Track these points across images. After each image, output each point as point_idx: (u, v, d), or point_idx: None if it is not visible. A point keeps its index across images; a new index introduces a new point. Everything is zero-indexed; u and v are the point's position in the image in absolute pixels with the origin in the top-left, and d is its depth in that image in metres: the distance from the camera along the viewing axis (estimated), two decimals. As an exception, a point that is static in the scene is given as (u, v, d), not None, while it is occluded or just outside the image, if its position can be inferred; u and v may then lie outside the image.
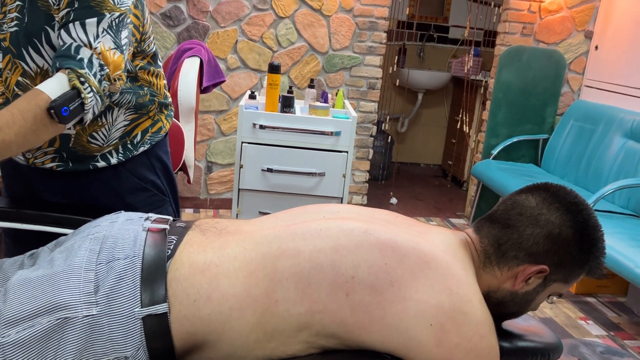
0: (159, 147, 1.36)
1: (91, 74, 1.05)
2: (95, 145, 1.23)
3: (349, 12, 3.52)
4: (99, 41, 1.07)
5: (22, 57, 1.12)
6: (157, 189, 1.35)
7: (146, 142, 1.31)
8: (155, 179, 1.35)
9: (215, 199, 3.69)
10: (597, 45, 3.70)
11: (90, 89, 1.04)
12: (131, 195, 1.30)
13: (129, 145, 1.28)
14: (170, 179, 1.41)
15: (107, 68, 1.08)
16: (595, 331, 2.59)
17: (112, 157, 1.26)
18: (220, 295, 0.92)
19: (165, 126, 1.36)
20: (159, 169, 1.36)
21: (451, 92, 5.13)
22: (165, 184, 1.39)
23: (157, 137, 1.33)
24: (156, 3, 3.30)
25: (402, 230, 1.04)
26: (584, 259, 1.04)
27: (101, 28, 1.07)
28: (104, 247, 0.95)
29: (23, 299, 0.89)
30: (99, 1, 1.08)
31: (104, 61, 1.07)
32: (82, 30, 1.06)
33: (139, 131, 1.29)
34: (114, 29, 1.10)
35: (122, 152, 1.27)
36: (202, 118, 3.52)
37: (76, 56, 1.04)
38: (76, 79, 1.02)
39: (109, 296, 0.89)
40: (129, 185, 1.30)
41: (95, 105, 1.07)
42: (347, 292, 0.93)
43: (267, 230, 1.03)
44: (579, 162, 3.44)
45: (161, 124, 1.34)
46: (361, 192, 3.83)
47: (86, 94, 1.03)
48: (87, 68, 1.04)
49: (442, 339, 0.92)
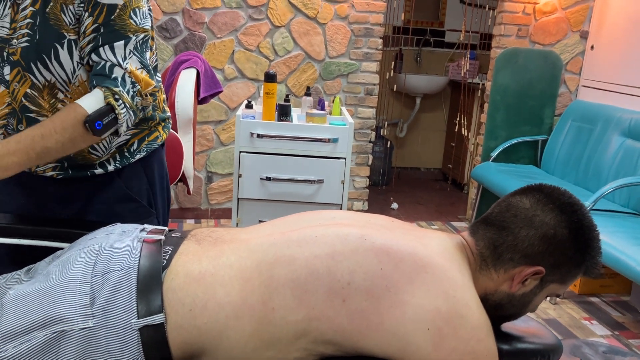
0: (155, 157, 1.39)
1: (124, 91, 1.16)
2: (95, 156, 1.28)
3: (344, 19, 3.53)
4: (127, 62, 1.17)
5: (31, 70, 1.17)
6: (146, 201, 1.38)
7: (142, 150, 1.34)
8: (147, 189, 1.38)
9: (216, 209, 3.69)
10: (593, 45, 3.71)
11: (124, 105, 1.15)
12: (120, 204, 1.33)
13: (125, 152, 1.32)
14: (163, 190, 1.43)
15: (139, 85, 1.18)
16: (599, 331, 2.58)
17: (109, 165, 1.30)
18: (216, 304, 0.92)
19: (162, 136, 1.39)
20: (153, 179, 1.39)
21: (449, 96, 5.14)
22: (158, 194, 1.41)
23: (154, 145, 1.36)
24: (152, 16, 3.32)
25: (398, 235, 1.05)
26: (579, 259, 1.04)
27: (128, 50, 1.18)
28: (99, 259, 0.95)
29: (19, 313, 0.89)
30: (123, 25, 1.17)
31: (135, 79, 1.18)
32: (111, 53, 1.16)
33: (135, 140, 1.33)
34: (139, 49, 1.20)
35: (119, 159, 1.31)
36: (201, 129, 3.54)
37: (111, 75, 1.15)
38: (111, 97, 1.13)
39: (105, 308, 0.89)
40: (118, 194, 1.33)
41: (128, 119, 1.18)
42: (343, 298, 0.93)
43: (262, 237, 1.03)
44: (579, 162, 3.44)
45: (158, 134, 1.38)
46: (362, 198, 3.83)
47: (120, 109, 1.15)
48: (120, 86, 1.15)
49: (439, 343, 0.92)
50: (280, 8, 3.44)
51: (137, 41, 1.19)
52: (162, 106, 1.39)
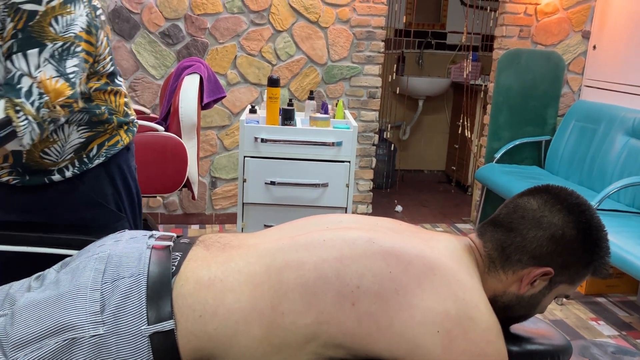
0: (119, 161, 1.39)
1: (28, 103, 1.11)
2: (49, 161, 1.28)
3: (345, 23, 3.54)
4: (40, 70, 1.13)
5: None
6: (115, 205, 1.38)
7: (102, 155, 1.34)
8: (113, 193, 1.38)
9: (220, 214, 3.69)
10: (595, 45, 3.70)
11: (25, 117, 1.11)
12: (86, 210, 1.34)
13: (84, 158, 1.32)
14: (131, 194, 1.43)
15: (47, 96, 1.13)
16: (607, 331, 2.57)
17: (67, 171, 1.30)
18: (226, 310, 0.93)
19: (124, 140, 1.38)
20: (119, 184, 1.39)
21: (451, 98, 5.14)
22: (125, 199, 1.41)
23: (114, 150, 1.36)
24: (155, 22, 3.33)
25: (406, 237, 1.05)
26: (588, 260, 1.04)
27: (42, 58, 1.14)
28: (109, 266, 0.96)
29: (30, 321, 0.90)
30: (40, 32, 1.14)
31: (43, 90, 1.13)
32: (24, 60, 1.13)
33: (94, 145, 1.33)
34: (57, 58, 1.15)
35: (77, 165, 1.31)
36: (205, 134, 3.54)
37: (16, 85, 1.12)
38: (11, 108, 1.09)
39: (115, 315, 0.90)
40: (84, 199, 1.33)
41: (32, 131, 1.13)
42: (352, 302, 0.93)
43: (270, 242, 1.03)
44: (583, 162, 3.43)
45: (119, 138, 1.37)
46: (366, 201, 3.83)
47: (19, 122, 1.10)
48: (24, 97, 1.11)
49: (449, 345, 0.92)
50: (282, 13, 3.45)
51: (55, 49, 1.15)
52: (122, 110, 1.38)
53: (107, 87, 1.33)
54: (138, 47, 3.35)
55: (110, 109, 1.34)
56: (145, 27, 3.33)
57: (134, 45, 3.34)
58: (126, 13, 3.29)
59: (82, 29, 1.20)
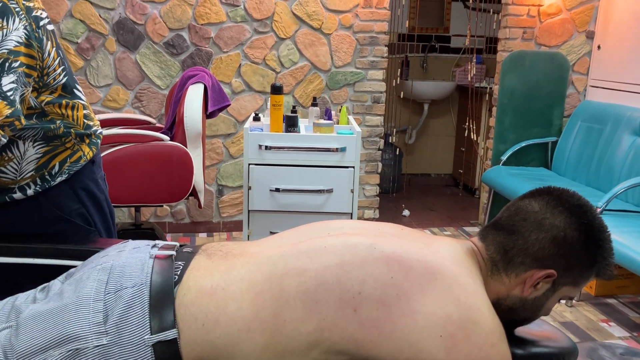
0: (84, 175, 1.35)
1: None
2: (7, 179, 1.24)
3: (348, 29, 3.55)
4: None
5: None
6: (82, 219, 1.34)
7: (64, 172, 1.30)
8: (79, 208, 1.34)
9: (227, 221, 3.71)
10: (600, 45, 3.69)
11: None
12: (52, 226, 1.31)
13: (46, 176, 1.28)
14: (100, 207, 1.39)
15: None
16: (617, 333, 2.55)
17: (29, 189, 1.26)
18: (228, 318, 0.93)
19: (87, 155, 1.34)
20: (85, 198, 1.35)
21: (457, 101, 5.14)
22: (94, 213, 1.37)
23: (76, 166, 1.32)
24: (159, 33, 3.36)
25: (408, 242, 1.05)
26: (591, 261, 1.04)
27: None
28: (111, 277, 0.96)
29: (35, 332, 0.90)
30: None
31: None
32: None
33: (56, 162, 1.28)
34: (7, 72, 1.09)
35: (39, 183, 1.28)
36: (211, 142, 3.56)
37: None
38: None
39: (118, 325, 0.90)
40: (49, 215, 1.30)
41: None
42: (354, 308, 0.94)
43: (272, 250, 1.04)
44: (590, 162, 3.42)
45: (81, 153, 1.33)
46: (372, 206, 3.82)
47: None
48: None
49: (452, 349, 0.92)
50: (284, 20, 3.47)
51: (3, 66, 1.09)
52: (82, 122, 1.32)
53: (62, 100, 1.28)
54: (143, 58, 3.38)
55: (67, 123, 1.29)
56: (149, 38, 3.36)
57: (138, 55, 3.37)
58: (130, 24, 3.32)
59: (18, 43, 1.13)
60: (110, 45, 3.33)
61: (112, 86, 3.39)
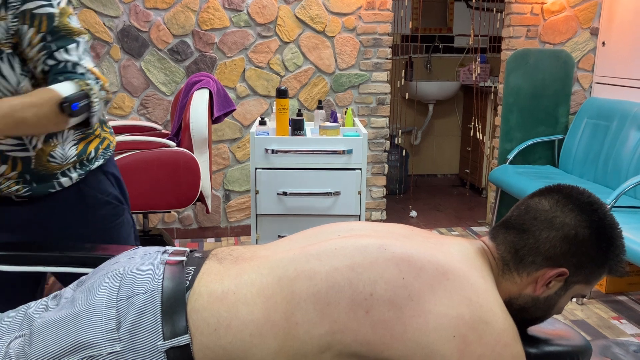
0: (110, 162, 1.46)
1: (94, 84, 1.22)
2: (55, 164, 1.32)
3: (352, 31, 3.55)
4: (84, 61, 1.24)
5: None
6: (117, 200, 1.46)
7: (99, 158, 1.40)
8: (113, 190, 1.45)
9: (235, 226, 3.71)
10: (604, 41, 3.68)
11: (96, 95, 1.22)
12: (95, 209, 1.40)
13: (84, 161, 1.37)
14: (123, 189, 1.51)
15: (100, 80, 1.25)
16: (629, 330, 2.53)
17: (72, 173, 1.35)
18: (240, 323, 0.93)
19: (113, 142, 1.46)
20: (114, 182, 1.47)
21: (462, 101, 5.13)
22: (120, 194, 1.49)
23: (108, 152, 1.43)
24: (163, 39, 3.37)
25: (418, 243, 1.04)
26: (603, 259, 1.03)
27: (80, 51, 1.24)
28: (123, 283, 0.97)
29: (48, 340, 0.91)
30: (68, 30, 1.22)
31: (96, 75, 1.24)
32: (68, 55, 1.21)
33: (91, 148, 1.38)
34: (88, 50, 1.27)
35: (79, 167, 1.36)
36: (217, 147, 3.57)
37: (77, 71, 1.21)
38: (85, 85, 1.20)
39: (131, 332, 0.90)
40: (92, 200, 1.39)
41: (99, 110, 1.24)
42: (366, 310, 0.93)
43: (282, 253, 1.04)
44: (597, 159, 3.40)
45: (108, 141, 1.45)
46: (380, 207, 3.82)
47: (93, 98, 1.21)
48: (89, 79, 1.22)
49: (465, 350, 0.91)
50: (288, 24, 3.48)
51: (84, 43, 1.25)
52: None
53: None
54: (147, 65, 3.39)
55: None
56: (154, 45, 3.37)
57: (143, 63, 3.38)
58: (135, 32, 3.34)
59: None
60: (115, 52, 3.35)
61: (118, 94, 3.40)
